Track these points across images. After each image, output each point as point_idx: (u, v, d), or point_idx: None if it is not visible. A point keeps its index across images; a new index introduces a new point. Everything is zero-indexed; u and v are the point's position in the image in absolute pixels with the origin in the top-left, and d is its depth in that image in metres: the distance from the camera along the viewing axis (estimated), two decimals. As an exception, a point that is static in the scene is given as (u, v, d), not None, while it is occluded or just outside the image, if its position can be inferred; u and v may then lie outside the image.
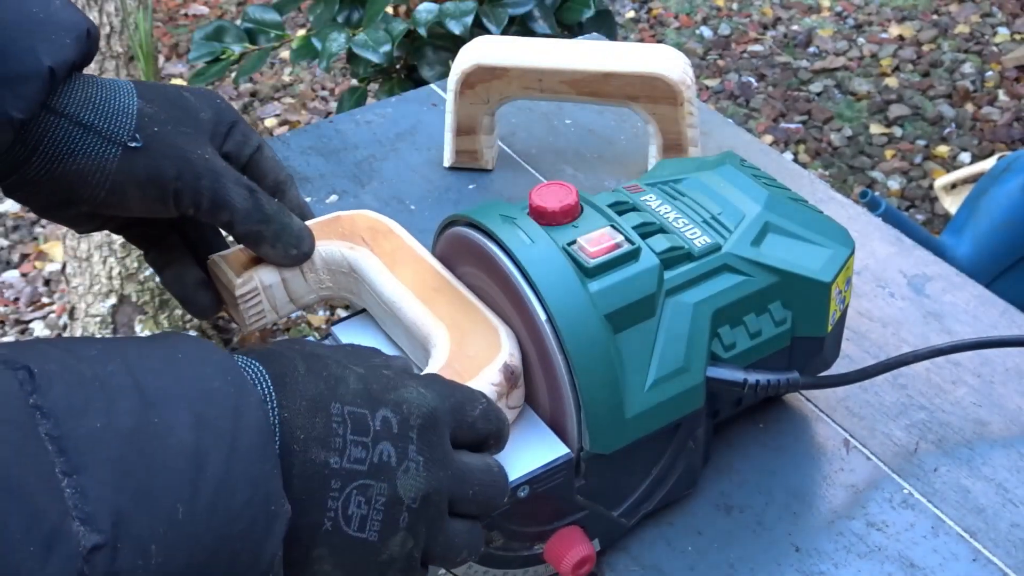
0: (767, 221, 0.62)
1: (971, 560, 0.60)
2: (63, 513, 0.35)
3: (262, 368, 0.44)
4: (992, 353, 0.72)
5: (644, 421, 0.56)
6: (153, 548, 0.36)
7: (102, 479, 0.36)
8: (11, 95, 0.53)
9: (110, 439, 0.37)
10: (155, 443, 0.38)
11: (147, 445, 0.37)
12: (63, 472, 0.35)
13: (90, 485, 0.36)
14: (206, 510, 0.38)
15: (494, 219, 0.58)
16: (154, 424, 0.38)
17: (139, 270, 1.98)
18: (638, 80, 0.84)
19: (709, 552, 0.61)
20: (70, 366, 0.38)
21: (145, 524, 0.36)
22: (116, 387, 0.38)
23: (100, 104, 0.57)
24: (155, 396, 0.39)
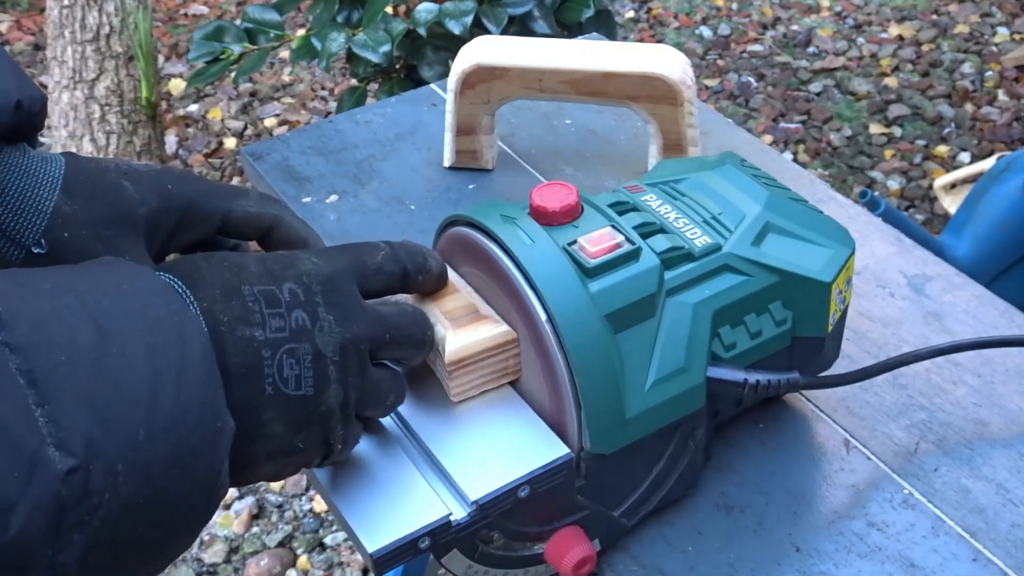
0: (767, 221, 0.62)
1: (971, 560, 0.60)
2: (40, 441, 0.38)
3: (171, 276, 0.48)
4: (992, 353, 0.72)
5: (644, 421, 0.56)
6: (119, 467, 0.40)
7: (72, 407, 0.39)
8: None
9: (75, 370, 0.40)
10: (115, 372, 0.41)
11: (109, 374, 0.41)
12: (36, 403, 0.39)
13: (61, 414, 0.39)
14: (162, 431, 0.41)
15: (494, 219, 0.58)
16: (112, 354, 0.41)
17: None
18: (638, 80, 0.84)
19: (709, 552, 0.61)
20: (30, 302, 0.41)
21: (112, 446, 0.40)
22: (74, 320, 0.41)
23: (13, 198, 0.54)
24: (109, 327, 0.42)
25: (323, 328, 0.50)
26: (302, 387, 0.48)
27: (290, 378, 0.48)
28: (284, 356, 0.48)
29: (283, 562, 1.69)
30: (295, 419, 0.49)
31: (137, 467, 0.40)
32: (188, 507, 0.43)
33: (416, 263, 0.56)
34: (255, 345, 0.47)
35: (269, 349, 0.48)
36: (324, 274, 0.51)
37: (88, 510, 0.39)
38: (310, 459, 0.51)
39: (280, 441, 0.49)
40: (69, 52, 2.07)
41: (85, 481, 0.39)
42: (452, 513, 0.53)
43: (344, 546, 1.71)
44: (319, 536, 1.73)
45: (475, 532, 0.55)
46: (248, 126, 2.70)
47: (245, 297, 0.48)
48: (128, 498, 0.40)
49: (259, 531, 1.74)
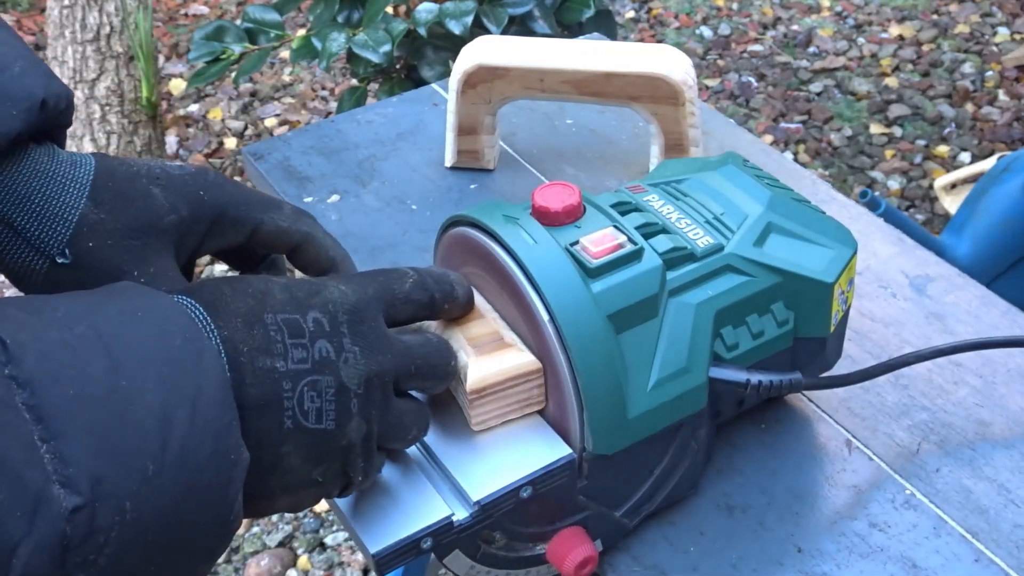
0: (770, 221, 0.62)
1: (973, 561, 0.60)
2: (45, 478, 0.37)
3: (193, 301, 0.47)
4: (994, 354, 0.72)
5: (646, 421, 0.56)
6: (128, 504, 0.39)
7: (79, 444, 0.38)
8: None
9: (84, 405, 0.39)
10: (126, 406, 0.40)
11: (118, 408, 0.40)
12: (41, 439, 0.38)
13: (68, 450, 0.38)
14: (174, 465, 0.40)
15: (497, 219, 0.58)
16: (123, 387, 0.40)
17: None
18: (640, 80, 0.84)
19: (711, 552, 0.61)
20: (40, 333, 0.40)
21: (120, 483, 0.39)
22: (85, 351, 0.41)
23: (39, 206, 0.53)
24: (122, 358, 0.41)
25: (348, 360, 0.48)
26: (323, 421, 0.47)
27: (311, 411, 0.47)
28: (305, 389, 0.47)
29: (283, 562, 1.69)
30: (314, 453, 0.47)
31: (146, 502, 0.39)
32: (201, 540, 0.42)
33: (444, 291, 0.55)
34: (275, 376, 0.46)
35: (290, 381, 0.46)
36: (351, 303, 0.50)
37: (94, 549, 0.38)
38: (329, 491, 0.50)
39: (298, 474, 0.48)
40: (69, 52, 2.07)
41: (91, 519, 0.38)
42: (454, 513, 0.53)
43: (345, 546, 1.71)
44: (319, 536, 1.73)
45: (477, 532, 0.55)
46: (248, 126, 2.70)
47: (268, 326, 0.47)
48: (137, 534, 0.39)
49: (259, 531, 1.74)
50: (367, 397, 0.49)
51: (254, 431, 0.45)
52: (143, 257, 0.55)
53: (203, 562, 0.43)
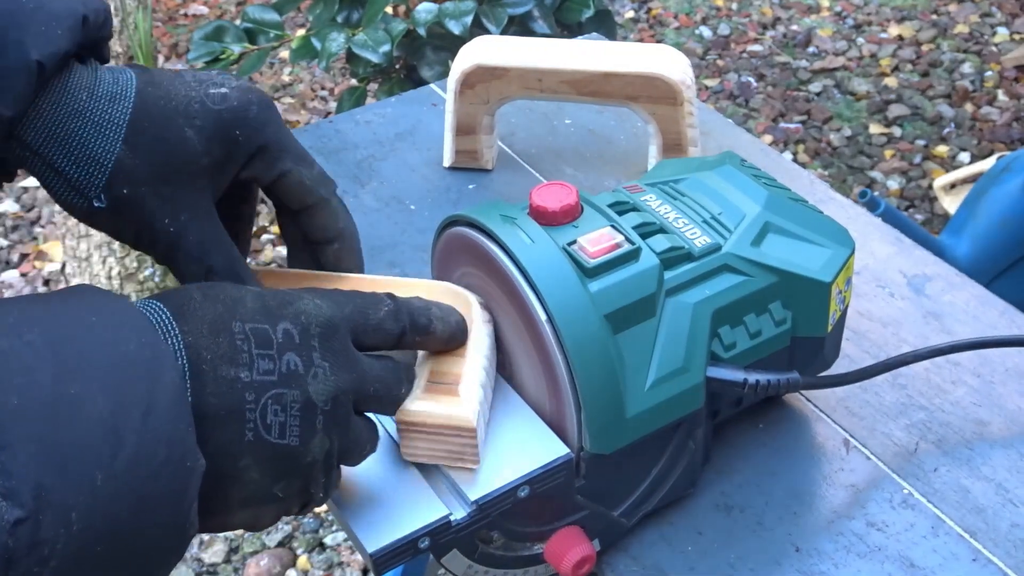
0: (767, 221, 0.62)
1: (971, 560, 0.60)
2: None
3: (161, 305, 0.46)
4: (992, 353, 0.72)
5: (644, 421, 0.56)
6: (74, 516, 0.38)
7: (22, 454, 0.37)
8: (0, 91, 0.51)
9: (28, 415, 0.38)
10: (72, 414, 0.39)
11: (65, 417, 0.39)
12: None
13: (10, 461, 0.37)
14: (125, 474, 0.40)
15: (494, 219, 0.58)
16: (71, 395, 0.39)
17: (139, 270, 1.98)
18: (638, 80, 0.84)
19: (709, 552, 0.61)
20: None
21: (65, 494, 0.38)
22: (33, 359, 0.40)
23: (76, 149, 0.53)
24: (73, 364, 0.40)
25: (317, 376, 0.47)
26: (286, 436, 0.46)
27: (273, 425, 0.46)
28: (270, 402, 0.46)
29: (283, 562, 1.69)
30: (275, 468, 0.46)
31: (94, 513, 0.39)
32: (154, 550, 0.42)
33: (418, 324, 0.54)
34: (238, 387, 0.45)
35: (254, 392, 0.45)
36: (324, 317, 0.49)
37: (38, 561, 0.37)
38: (289, 508, 0.49)
39: (257, 488, 0.46)
40: (69, 52, 2.07)
41: (34, 531, 0.37)
42: (452, 513, 0.53)
43: (344, 546, 1.71)
44: (319, 536, 1.73)
45: (475, 532, 0.55)
46: (248, 126, 2.70)
47: (235, 334, 0.46)
48: (84, 545, 0.38)
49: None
50: (333, 414, 0.48)
51: (213, 441, 0.44)
52: (175, 204, 0.55)
53: (158, 569, 0.42)
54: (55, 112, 0.53)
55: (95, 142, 0.53)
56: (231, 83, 0.57)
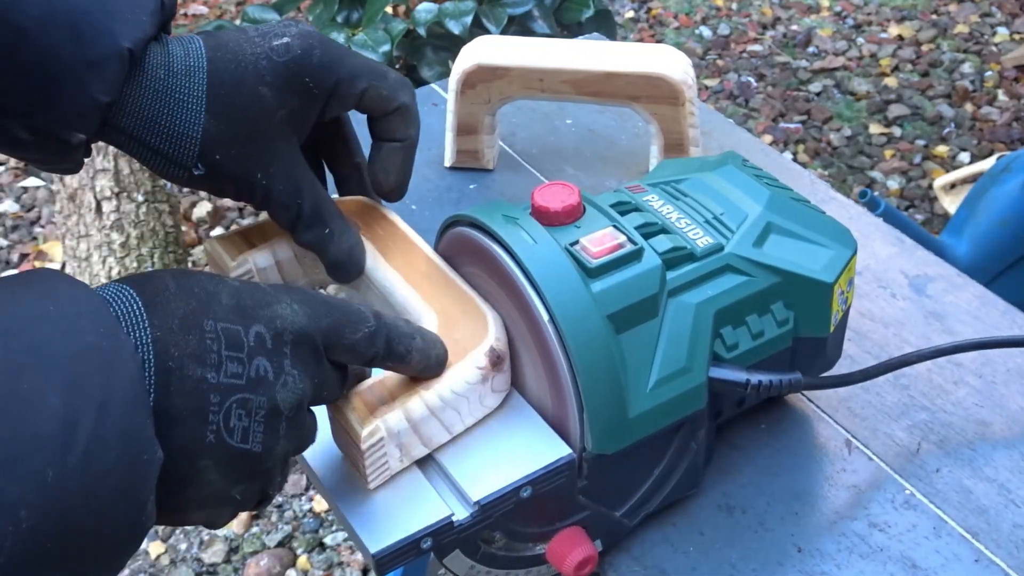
0: (769, 221, 0.62)
1: (973, 561, 0.60)
2: None
3: (133, 292, 0.45)
4: (994, 353, 0.72)
5: (646, 421, 0.56)
6: (23, 513, 0.37)
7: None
8: (95, 79, 0.53)
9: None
10: (24, 410, 0.38)
11: (15, 413, 0.38)
12: None
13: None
14: (77, 469, 0.39)
15: (496, 219, 0.58)
16: (24, 391, 0.39)
17: (139, 270, 1.98)
18: (640, 80, 0.84)
19: (711, 553, 0.61)
20: None
21: (13, 490, 0.37)
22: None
23: (165, 127, 0.56)
24: (25, 359, 0.39)
25: (286, 384, 0.47)
26: (249, 441, 0.46)
27: (236, 429, 0.45)
28: (234, 405, 0.45)
29: (283, 562, 1.69)
30: (235, 471, 0.46)
31: (44, 509, 0.38)
32: (109, 543, 0.41)
33: (393, 352, 0.53)
34: (203, 388, 0.44)
35: (219, 395, 0.45)
36: (299, 326, 0.48)
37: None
38: (245, 508, 0.49)
39: (215, 490, 0.46)
40: (69, 52, 2.07)
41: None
42: (454, 513, 0.53)
43: (344, 546, 1.71)
44: (319, 536, 1.73)
45: (477, 532, 0.55)
46: (248, 126, 2.70)
47: (205, 333, 0.45)
48: (35, 543, 0.38)
49: (259, 531, 1.74)
50: (294, 420, 0.48)
51: (173, 440, 0.43)
52: (263, 159, 0.58)
53: (110, 565, 0.42)
54: (140, 95, 0.56)
55: (181, 119, 0.56)
56: (291, 30, 0.59)
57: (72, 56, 0.53)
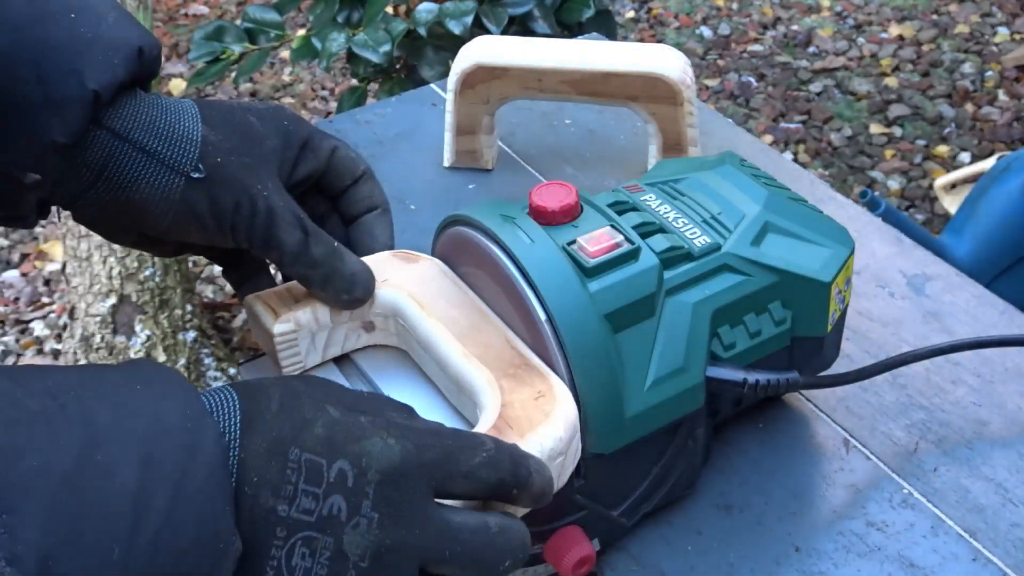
0: (767, 221, 0.62)
1: (971, 560, 0.60)
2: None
3: (237, 402, 0.44)
4: (992, 353, 0.72)
5: (644, 421, 0.56)
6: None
7: (33, 519, 0.36)
8: (56, 119, 0.52)
9: (46, 479, 0.36)
10: (94, 483, 0.37)
11: (85, 485, 0.37)
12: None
13: (20, 526, 0.35)
14: (147, 550, 0.37)
15: (494, 219, 0.58)
16: (96, 462, 0.37)
17: (139, 270, 1.98)
18: (638, 80, 0.84)
19: (709, 552, 0.61)
20: (16, 400, 0.38)
21: (74, 565, 0.36)
22: (62, 422, 0.38)
23: (165, 130, 0.55)
24: (103, 432, 0.38)
25: (358, 526, 0.43)
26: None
27: (298, 568, 0.42)
28: (299, 543, 0.42)
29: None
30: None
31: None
32: None
33: (518, 476, 0.47)
34: (272, 520, 0.42)
35: (286, 529, 0.42)
36: (392, 462, 0.44)
37: None
38: None
39: None
40: (69, 52, 2.07)
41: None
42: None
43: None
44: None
45: (474, 532, 0.55)
46: (248, 126, 2.70)
47: (288, 462, 0.42)
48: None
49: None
50: (371, 573, 0.43)
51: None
52: (259, 175, 0.57)
53: None
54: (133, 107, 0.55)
55: (180, 123, 0.56)
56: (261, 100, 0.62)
57: (32, 93, 0.51)
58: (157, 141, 0.55)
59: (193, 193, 0.55)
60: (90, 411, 0.39)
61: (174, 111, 0.56)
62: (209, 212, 0.56)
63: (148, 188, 0.55)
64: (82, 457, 0.37)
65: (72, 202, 0.56)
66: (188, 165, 0.55)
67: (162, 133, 0.55)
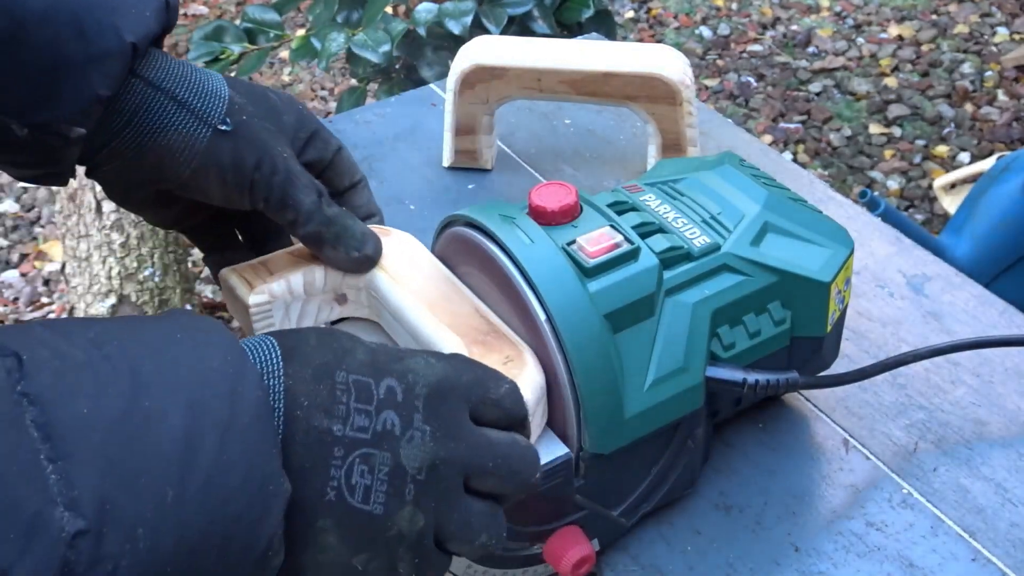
0: (766, 221, 0.62)
1: (970, 560, 0.60)
2: (46, 500, 0.35)
3: (275, 342, 0.44)
4: (991, 353, 0.72)
5: (643, 421, 0.56)
6: (140, 532, 0.36)
7: (87, 465, 0.36)
8: (97, 73, 0.53)
9: (97, 424, 0.37)
10: (144, 427, 0.38)
11: (136, 430, 0.37)
12: (48, 459, 0.35)
13: (75, 471, 0.36)
14: (198, 493, 0.38)
15: (494, 219, 0.58)
16: (144, 408, 0.38)
17: (139, 270, 1.98)
18: (637, 80, 0.84)
19: (708, 552, 0.61)
20: (62, 351, 0.38)
21: (131, 508, 0.36)
22: (108, 371, 0.38)
23: (195, 84, 0.58)
24: (149, 379, 0.39)
25: (412, 439, 0.44)
26: (370, 502, 0.43)
27: (358, 487, 0.43)
28: (357, 460, 0.43)
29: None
30: (355, 536, 0.43)
31: (163, 532, 0.37)
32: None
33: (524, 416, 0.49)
34: (328, 440, 0.42)
35: (343, 448, 0.42)
36: (436, 377, 0.46)
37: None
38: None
39: (334, 556, 0.43)
40: (69, 52, 2.07)
41: (96, 545, 0.35)
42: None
43: (344, 546, 1.71)
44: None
45: (474, 532, 0.55)
46: (248, 126, 2.70)
47: (336, 384, 0.43)
48: (152, 564, 0.36)
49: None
50: (428, 485, 0.44)
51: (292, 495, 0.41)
52: (279, 140, 0.60)
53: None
54: (162, 61, 0.57)
55: (208, 80, 0.58)
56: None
57: (74, 50, 0.53)
58: (189, 93, 0.57)
59: (218, 145, 0.57)
60: (134, 359, 0.39)
61: (203, 72, 0.59)
62: (232, 165, 0.58)
63: (176, 135, 0.57)
64: (130, 404, 0.38)
65: (96, 153, 0.58)
66: (216, 118, 0.57)
67: (193, 86, 0.57)
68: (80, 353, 0.39)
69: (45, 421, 0.36)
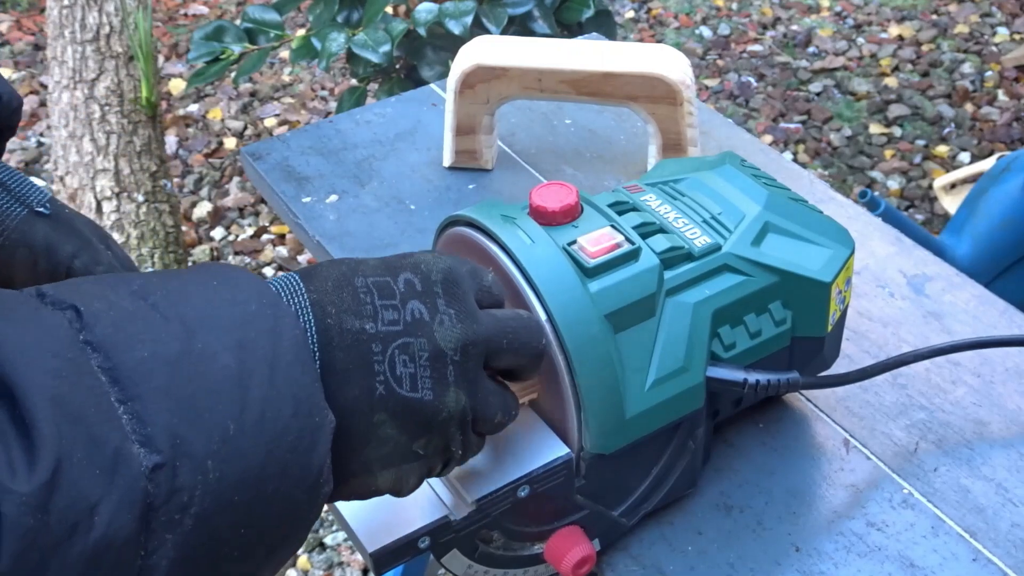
0: (767, 221, 0.62)
1: (971, 560, 0.60)
2: (123, 438, 0.37)
3: (295, 274, 0.47)
4: (992, 353, 0.72)
5: (644, 421, 0.56)
6: (209, 464, 0.38)
7: (155, 404, 0.38)
8: None
9: (158, 366, 0.39)
10: (200, 367, 0.40)
11: (193, 370, 0.40)
12: (118, 400, 0.38)
13: (145, 410, 0.38)
14: (254, 426, 0.40)
15: (494, 219, 0.58)
16: (197, 349, 0.40)
17: (139, 270, 1.98)
18: (638, 80, 0.84)
19: (709, 552, 0.61)
20: (113, 302, 0.41)
21: (200, 442, 0.38)
22: (158, 318, 0.40)
23: (20, 177, 0.59)
24: (195, 324, 0.41)
25: (443, 323, 0.47)
26: (419, 389, 0.45)
27: (404, 377, 0.45)
28: (397, 352, 0.45)
29: (283, 562, 1.69)
30: (411, 422, 0.46)
31: (229, 463, 0.39)
32: (288, 505, 0.41)
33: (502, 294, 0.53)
34: (364, 338, 0.45)
35: (380, 343, 0.45)
36: (445, 266, 0.49)
37: (178, 508, 0.37)
38: (432, 466, 0.49)
39: (396, 446, 0.46)
40: (69, 52, 2.07)
41: (172, 478, 0.37)
42: (451, 512, 0.53)
43: (344, 546, 1.71)
44: (319, 536, 1.73)
45: (475, 532, 0.55)
46: (248, 126, 2.71)
47: (357, 288, 0.46)
48: (221, 495, 0.39)
49: (259, 531, 1.74)
50: (463, 366, 0.47)
51: (343, 397, 0.44)
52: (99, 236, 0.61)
53: (294, 529, 0.42)
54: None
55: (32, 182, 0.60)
56: None
57: None
58: (11, 179, 0.59)
59: (33, 227, 0.59)
60: (178, 306, 0.41)
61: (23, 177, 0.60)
62: (44, 248, 0.59)
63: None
64: (184, 346, 0.40)
65: None
66: (35, 202, 0.59)
67: (17, 177, 0.59)
68: (128, 303, 0.41)
69: (111, 366, 0.38)
